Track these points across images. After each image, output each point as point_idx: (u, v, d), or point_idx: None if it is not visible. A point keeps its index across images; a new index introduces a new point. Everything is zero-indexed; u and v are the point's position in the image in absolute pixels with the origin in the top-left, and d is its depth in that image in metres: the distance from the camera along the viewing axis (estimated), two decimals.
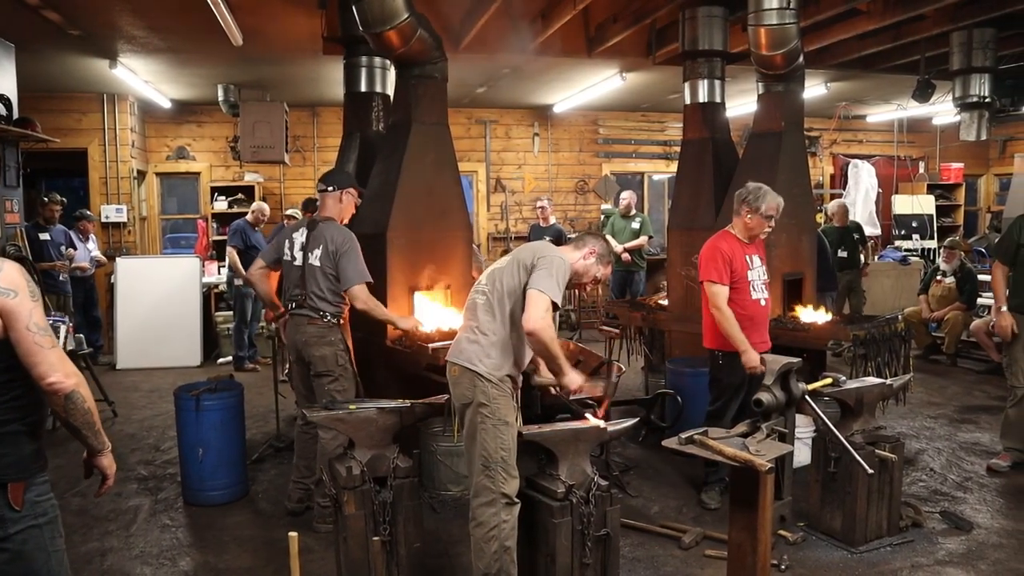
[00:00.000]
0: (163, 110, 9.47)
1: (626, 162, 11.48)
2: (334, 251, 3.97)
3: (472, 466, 3.05)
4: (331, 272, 3.98)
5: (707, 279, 4.16)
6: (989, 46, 6.21)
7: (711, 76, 5.83)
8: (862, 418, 3.96)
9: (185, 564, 3.77)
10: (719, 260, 4.14)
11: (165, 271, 8.59)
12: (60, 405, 1.99)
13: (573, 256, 3.18)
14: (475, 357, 3.02)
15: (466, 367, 3.03)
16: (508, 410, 3.02)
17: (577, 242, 3.25)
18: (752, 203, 4.16)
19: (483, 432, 2.99)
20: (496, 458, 2.97)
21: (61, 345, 2.82)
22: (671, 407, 5.01)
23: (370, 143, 5.33)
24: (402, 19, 4.19)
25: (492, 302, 3.06)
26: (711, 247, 4.22)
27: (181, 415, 4.46)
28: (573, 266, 3.15)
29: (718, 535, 3.84)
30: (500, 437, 2.98)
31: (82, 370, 5.12)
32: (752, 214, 4.17)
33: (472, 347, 3.05)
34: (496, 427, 2.98)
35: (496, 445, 2.97)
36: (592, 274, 3.22)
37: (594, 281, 3.27)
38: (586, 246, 3.20)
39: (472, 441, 3.04)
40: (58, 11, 5.62)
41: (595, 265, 3.20)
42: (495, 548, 2.96)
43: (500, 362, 3.02)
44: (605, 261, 3.24)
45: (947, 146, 12.26)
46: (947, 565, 3.68)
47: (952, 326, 7.94)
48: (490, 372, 3.00)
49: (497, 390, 3.00)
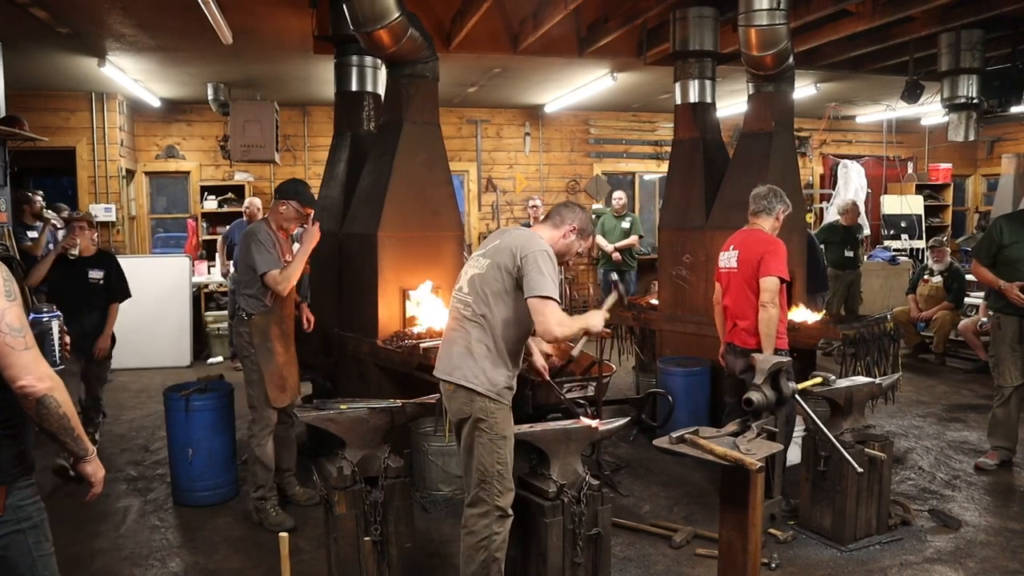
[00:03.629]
0: (152, 109, 9.42)
1: (617, 162, 11.49)
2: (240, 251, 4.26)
3: (469, 478, 3.01)
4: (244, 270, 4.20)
5: (778, 274, 4.07)
6: (977, 47, 6.26)
7: (702, 76, 5.85)
8: (852, 417, 3.98)
9: (175, 565, 3.75)
10: (786, 257, 4.14)
11: (154, 271, 8.54)
12: (32, 409, 1.92)
13: (553, 235, 3.07)
14: (471, 374, 2.92)
15: (460, 385, 2.94)
16: (506, 424, 2.96)
17: (554, 219, 3.11)
18: (784, 202, 4.26)
19: (480, 447, 2.93)
20: (492, 472, 2.93)
21: (56, 341, 2.76)
22: (662, 406, 5.02)
23: (361, 142, 5.31)
24: (393, 18, 4.18)
25: (477, 312, 2.96)
26: (775, 242, 4.16)
27: (170, 415, 4.44)
28: (555, 246, 3.03)
29: (709, 534, 3.85)
30: (497, 452, 2.93)
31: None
32: (785, 213, 4.26)
33: (466, 363, 2.94)
34: (493, 442, 2.92)
35: (493, 460, 2.93)
36: (574, 250, 3.14)
37: (576, 255, 3.19)
38: (564, 223, 3.08)
39: (469, 455, 2.98)
40: (46, 9, 5.57)
41: (576, 241, 3.11)
42: (483, 558, 2.94)
43: (496, 377, 2.93)
44: (586, 234, 3.14)
45: (935, 147, 12.35)
46: (935, 563, 3.70)
47: (940, 325, 7.99)
48: (487, 389, 2.91)
49: (495, 404, 2.93)
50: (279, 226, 4.24)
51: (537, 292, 2.82)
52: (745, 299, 4.21)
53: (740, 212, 5.27)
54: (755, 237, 4.23)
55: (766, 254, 4.09)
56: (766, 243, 4.15)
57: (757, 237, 4.21)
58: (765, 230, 4.24)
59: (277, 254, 4.11)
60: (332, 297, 5.12)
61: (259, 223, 4.26)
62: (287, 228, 4.28)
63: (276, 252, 4.10)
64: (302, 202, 4.22)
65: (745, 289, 4.20)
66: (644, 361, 6.30)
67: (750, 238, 4.25)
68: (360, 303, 4.72)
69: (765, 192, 4.28)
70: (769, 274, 4.05)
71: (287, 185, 4.29)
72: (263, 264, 4.04)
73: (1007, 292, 4.66)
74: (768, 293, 4.04)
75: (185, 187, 10.15)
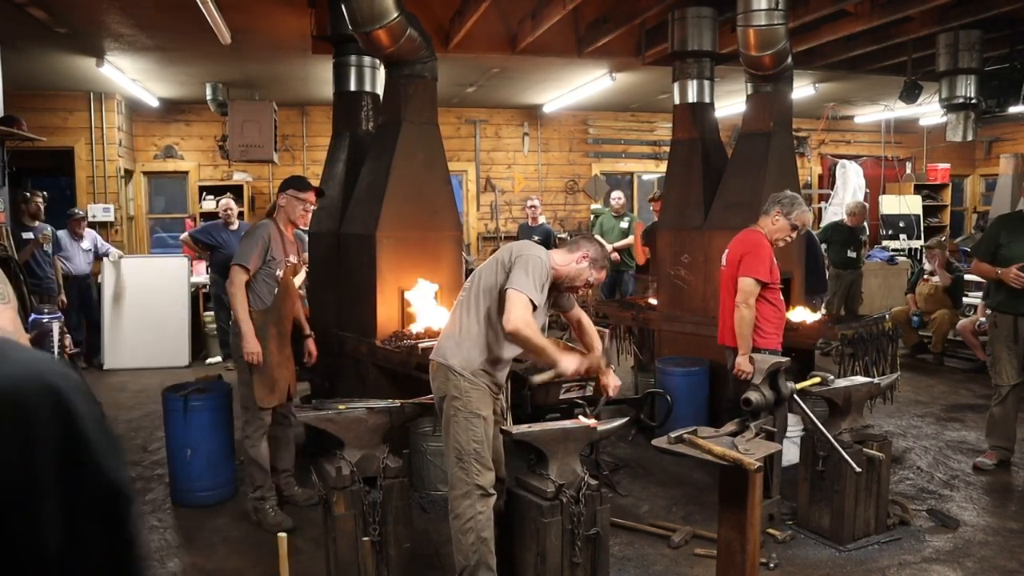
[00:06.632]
0: (151, 109, 9.41)
1: (616, 162, 11.50)
2: None
3: (447, 459, 3.11)
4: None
5: (753, 275, 4.08)
6: (975, 48, 6.26)
7: (700, 76, 5.85)
8: (850, 417, 3.98)
9: (174, 565, 3.74)
10: (767, 258, 4.14)
11: (153, 271, 8.53)
12: None
13: (566, 259, 3.16)
14: (448, 352, 3.08)
15: (440, 362, 3.09)
16: (481, 403, 3.05)
17: (571, 245, 3.24)
18: (786, 207, 4.18)
19: (455, 424, 3.03)
20: (468, 450, 3.00)
21: (56, 344, 2.75)
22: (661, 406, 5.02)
23: (360, 142, 5.31)
24: (392, 18, 4.18)
25: (470, 299, 3.12)
26: (757, 243, 4.17)
27: (169, 416, 4.43)
28: (565, 270, 3.14)
29: (707, 534, 3.85)
30: (472, 429, 3.01)
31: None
32: (781, 217, 4.19)
33: (447, 342, 3.12)
34: (468, 419, 3.02)
35: (468, 437, 3.01)
36: (585, 278, 3.19)
37: (587, 285, 3.26)
38: (579, 250, 3.18)
39: (447, 434, 3.09)
40: (44, 9, 5.57)
41: (588, 269, 3.17)
42: (472, 539, 3.00)
43: (472, 356, 3.05)
44: (599, 266, 3.20)
45: (934, 147, 12.35)
46: (934, 563, 3.71)
47: (939, 325, 7.99)
48: (462, 367, 3.04)
49: (468, 383, 3.04)
50: (288, 221, 4.23)
51: (512, 286, 2.93)
52: (729, 298, 4.29)
53: (738, 212, 5.29)
54: (744, 238, 4.27)
55: (746, 255, 4.15)
56: (750, 244, 4.19)
57: (747, 238, 4.25)
58: (763, 231, 4.24)
59: (266, 253, 4.09)
60: (330, 297, 5.12)
61: (267, 221, 4.25)
62: (295, 221, 4.26)
63: (263, 250, 4.08)
64: (298, 188, 4.24)
65: (727, 290, 4.29)
66: (643, 361, 6.31)
67: (741, 237, 4.30)
68: (358, 303, 4.71)
69: (774, 195, 4.30)
70: (746, 275, 4.10)
71: (283, 182, 4.34)
72: (239, 255, 4.08)
73: (1005, 276, 4.66)
74: (742, 294, 4.09)
75: (183, 187, 10.15)
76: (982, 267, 4.92)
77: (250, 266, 4.04)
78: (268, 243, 4.10)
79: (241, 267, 4.04)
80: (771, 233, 4.23)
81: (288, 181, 4.32)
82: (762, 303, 4.18)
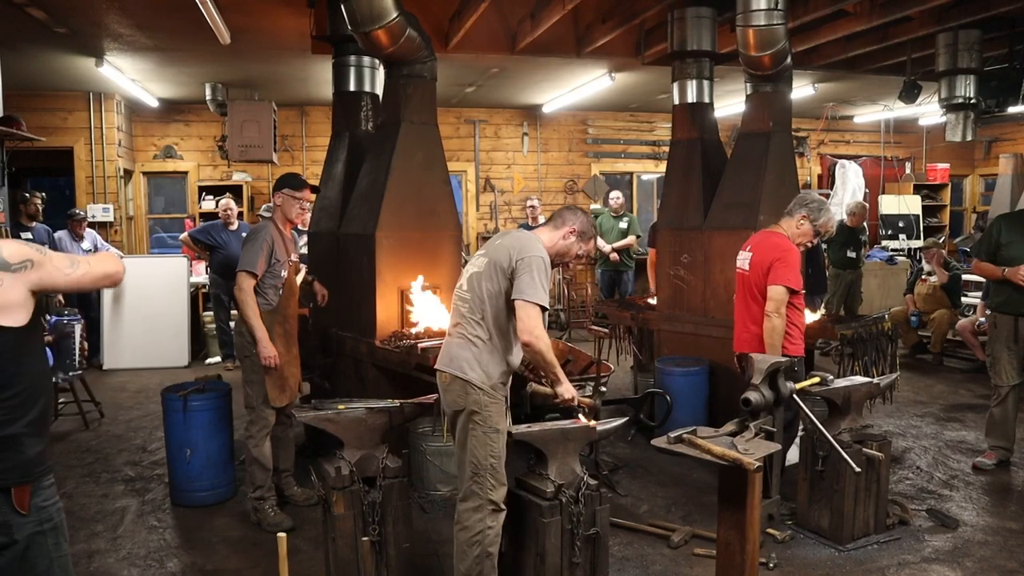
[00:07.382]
0: (150, 109, 9.41)
1: (615, 162, 11.50)
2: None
3: (462, 472, 3.04)
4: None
5: (785, 283, 3.91)
6: (974, 48, 6.26)
7: (699, 76, 5.85)
8: (849, 417, 3.99)
9: (173, 566, 3.74)
10: (798, 264, 3.97)
11: (153, 271, 8.53)
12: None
13: (552, 237, 3.12)
14: (466, 365, 2.99)
15: (456, 375, 3.00)
16: (499, 418, 3.00)
17: (555, 221, 3.17)
18: (813, 212, 4.05)
19: (474, 439, 2.97)
20: (485, 465, 2.96)
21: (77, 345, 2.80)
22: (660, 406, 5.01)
23: (359, 143, 5.31)
24: (391, 18, 4.18)
25: (475, 309, 3.03)
26: (787, 249, 3.99)
27: (168, 416, 4.43)
28: (554, 247, 3.09)
29: (707, 534, 3.85)
30: (490, 445, 2.96)
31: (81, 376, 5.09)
32: (807, 222, 4.05)
33: (463, 354, 3.01)
34: (487, 435, 2.97)
35: (486, 453, 2.96)
36: (574, 252, 3.16)
37: (577, 258, 3.22)
38: (565, 225, 3.13)
39: (463, 448, 3.02)
40: (44, 9, 5.57)
41: (576, 243, 3.14)
42: (477, 553, 2.96)
43: (491, 370, 2.99)
44: (587, 238, 3.16)
45: (933, 147, 12.37)
46: (933, 562, 3.71)
47: (938, 325, 8.00)
48: (482, 381, 2.97)
49: (489, 398, 2.97)
50: (285, 220, 4.25)
51: (524, 296, 2.89)
52: (745, 306, 4.15)
53: (738, 212, 5.29)
54: (771, 241, 4.08)
55: (776, 261, 3.97)
56: (779, 249, 4.01)
57: (773, 242, 4.07)
58: (785, 233, 4.10)
59: (270, 255, 4.09)
60: (330, 297, 5.11)
61: (266, 223, 4.26)
62: (293, 220, 4.27)
63: (267, 253, 4.08)
64: (293, 187, 4.24)
65: (748, 295, 4.12)
66: (642, 361, 6.30)
67: (766, 241, 4.11)
68: (358, 303, 4.72)
69: (799, 196, 4.17)
70: (777, 283, 3.94)
71: (277, 181, 4.34)
72: (245, 261, 4.06)
73: (1013, 276, 4.63)
74: (773, 303, 3.93)
75: (183, 187, 10.14)
76: (984, 267, 4.90)
77: (257, 271, 4.04)
78: (272, 246, 4.10)
79: (249, 273, 4.02)
80: (794, 237, 4.08)
81: (283, 179, 4.30)
82: (790, 309, 4.01)
